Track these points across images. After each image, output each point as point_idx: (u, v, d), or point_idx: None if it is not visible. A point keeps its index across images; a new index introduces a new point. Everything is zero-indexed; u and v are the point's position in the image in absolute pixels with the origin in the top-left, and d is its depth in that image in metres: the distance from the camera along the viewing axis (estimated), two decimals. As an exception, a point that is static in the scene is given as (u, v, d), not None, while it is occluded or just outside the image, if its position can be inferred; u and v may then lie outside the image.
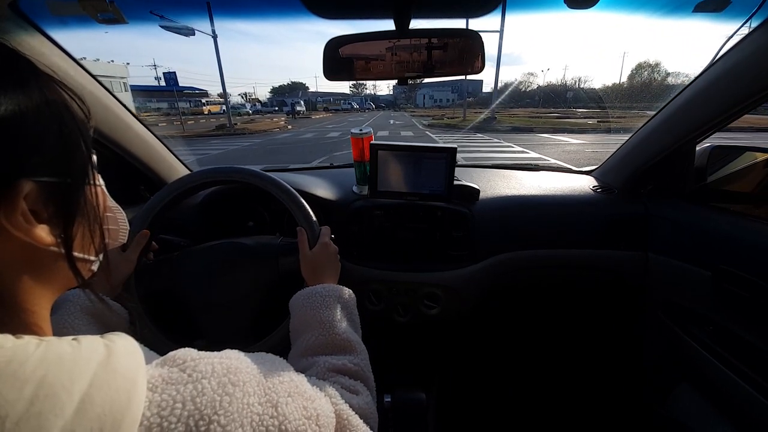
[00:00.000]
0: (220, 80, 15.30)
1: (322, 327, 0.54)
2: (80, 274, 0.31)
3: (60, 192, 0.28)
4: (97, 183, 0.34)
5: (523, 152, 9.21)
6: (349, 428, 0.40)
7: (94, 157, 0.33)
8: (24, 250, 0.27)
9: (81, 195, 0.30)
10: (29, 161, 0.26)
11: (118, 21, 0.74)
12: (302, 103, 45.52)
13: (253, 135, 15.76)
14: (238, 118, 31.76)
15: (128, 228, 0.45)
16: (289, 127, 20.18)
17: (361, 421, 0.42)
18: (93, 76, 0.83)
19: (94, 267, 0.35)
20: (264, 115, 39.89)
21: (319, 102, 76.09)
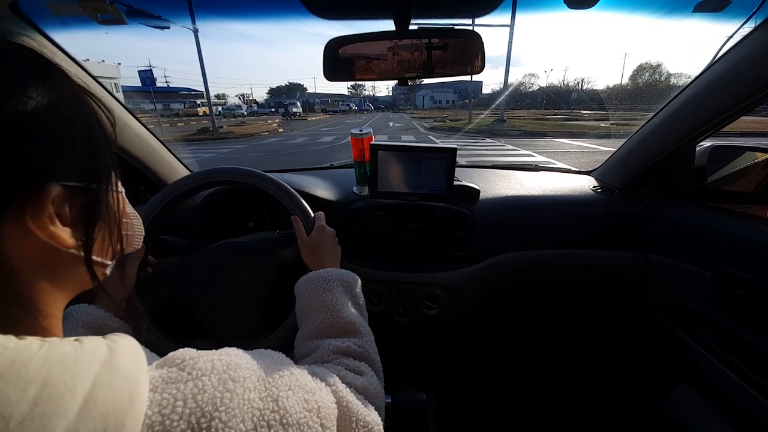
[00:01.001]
0: (202, 78, 14.35)
1: (326, 310, 0.54)
2: (96, 277, 0.32)
3: (85, 196, 0.29)
4: (119, 190, 0.35)
5: (549, 163, 7.36)
6: (349, 415, 0.40)
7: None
8: (45, 251, 0.27)
9: (104, 200, 0.31)
10: (58, 164, 0.27)
11: (118, 22, 0.74)
12: (298, 104, 43.97)
13: (238, 140, 14.43)
14: (232, 120, 31.10)
15: (143, 234, 0.45)
16: (280, 130, 18.60)
17: (362, 406, 0.42)
18: (94, 78, 0.83)
19: (108, 271, 0.36)
20: (259, 117, 39.02)
21: (316, 103, 75.32)
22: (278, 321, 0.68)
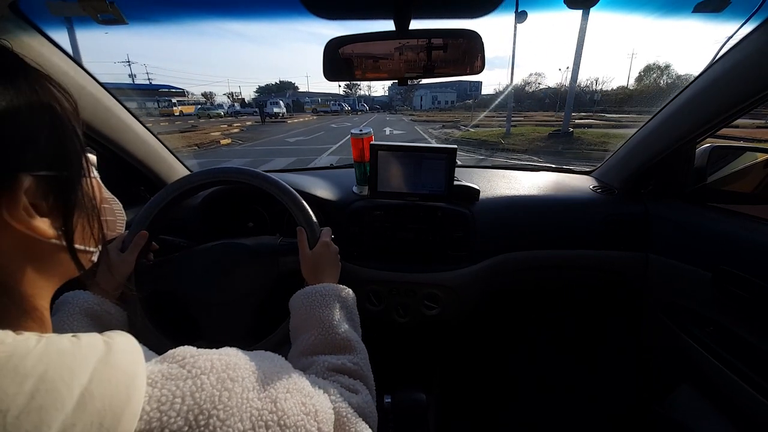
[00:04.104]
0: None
1: (322, 326, 0.54)
2: (81, 265, 0.32)
3: (58, 185, 0.29)
4: (93, 175, 0.34)
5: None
6: (348, 425, 0.40)
7: (93, 157, 0.34)
8: (26, 243, 0.27)
9: (78, 187, 0.31)
10: (27, 155, 0.27)
11: (118, 22, 0.74)
12: (281, 103, 38.27)
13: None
14: (201, 121, 28.35)
15: (125, 218, 0.46)
16: (225, 141, 13.15)
17: (361, 419, 0.42)
18: (93, 77, 0.83)
19: (94, 258, 0.36)
20: (238, 117, 36.26)
21: (306, 103, 71.88)
22: (271, 328, 0.68)
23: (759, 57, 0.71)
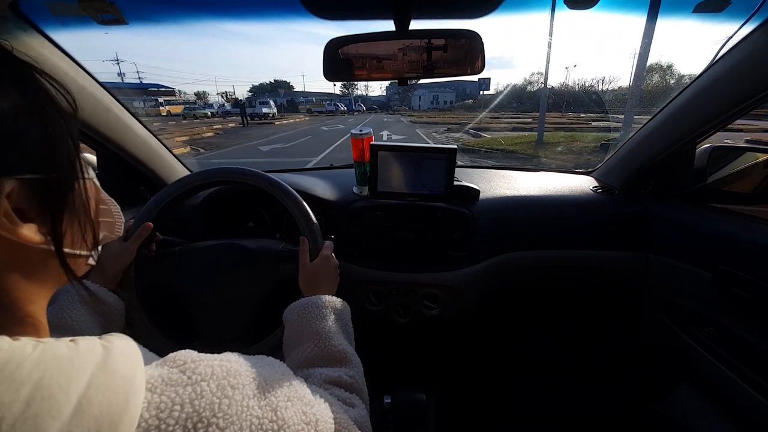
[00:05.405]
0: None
1: (318, 338, 0.54)
2: (71, 271, 0.30)
3: (46, 188, 0.27)
4: (87, 176, 0.32)
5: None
6: None
7: (92, 158, 0.33)
8: (13, 250, 0.26)
9: (69, 190, 0.29)
10: (9, 158, 0.25)
11: (119, 22, 0.74)
12: (272, 103, 35.18)
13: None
14: (183, 122, 26.68)
15: (123, 220, 0.44)
16: (178, 151, 6.11)
17: None
18: (93, 78, 0.83)
19: (91, 261, 0.35)
20: (227, 118, 33.91)
21: (301, 102, 70.24)
22: (265, 333, 0.68)
23: (759, 57, 0.71)
